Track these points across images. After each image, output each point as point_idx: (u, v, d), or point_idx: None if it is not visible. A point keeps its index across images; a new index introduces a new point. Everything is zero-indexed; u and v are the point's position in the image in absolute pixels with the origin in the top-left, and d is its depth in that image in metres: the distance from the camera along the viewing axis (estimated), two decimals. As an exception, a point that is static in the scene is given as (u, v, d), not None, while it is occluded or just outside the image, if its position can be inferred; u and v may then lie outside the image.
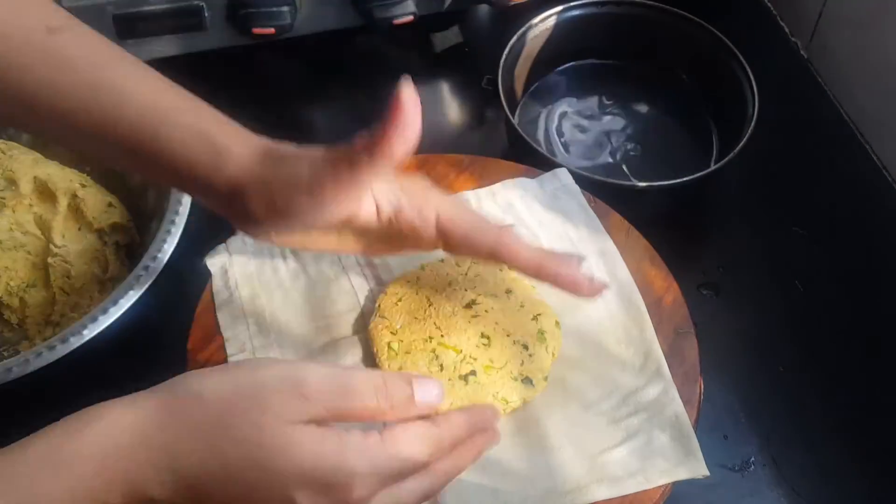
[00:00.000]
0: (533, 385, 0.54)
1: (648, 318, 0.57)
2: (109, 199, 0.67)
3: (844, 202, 0.75)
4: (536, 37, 0.77)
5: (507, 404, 0.53)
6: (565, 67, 0.82)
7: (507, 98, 0.72)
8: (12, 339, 0.64)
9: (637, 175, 0.76)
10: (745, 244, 0.73)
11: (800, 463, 0.61)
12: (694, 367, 0.55)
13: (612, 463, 0.51)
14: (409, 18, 0.76)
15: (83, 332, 0.54)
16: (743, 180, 0.76)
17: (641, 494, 0.50)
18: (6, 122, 0.65)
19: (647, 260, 0.60)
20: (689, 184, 0.68)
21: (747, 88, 0.72)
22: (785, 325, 0.68)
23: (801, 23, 0.84)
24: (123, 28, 0.72)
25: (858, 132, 0.79)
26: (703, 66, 0.78)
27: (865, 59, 0.76)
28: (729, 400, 0.64)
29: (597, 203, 0.63)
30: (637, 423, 0.52)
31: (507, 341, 0.55)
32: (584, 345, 0.56)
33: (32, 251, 0.65)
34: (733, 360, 0.66)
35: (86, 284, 0.64)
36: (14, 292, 0.64)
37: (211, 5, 0.74)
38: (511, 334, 0.55)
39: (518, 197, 0.63)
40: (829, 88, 0.82)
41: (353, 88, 0.81)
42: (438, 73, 0.85)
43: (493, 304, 0.56)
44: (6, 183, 0.66)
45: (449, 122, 0.81)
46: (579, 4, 0.78)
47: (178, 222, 0.60)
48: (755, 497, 0.60)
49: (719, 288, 0.70)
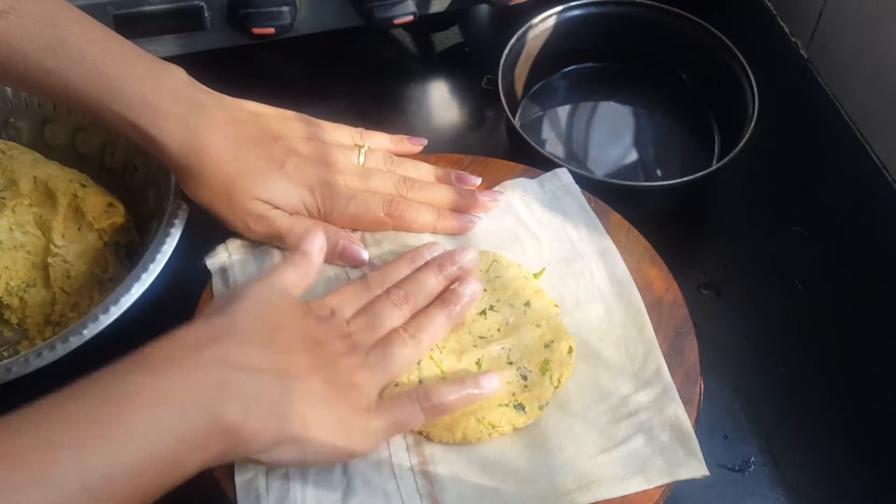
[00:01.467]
0: (525, 412, 0.53)
1: (648, 319, 0.56)
2: (109, 199, 0.67)
3: (844, 202, 0.75)
4: (536, 37, 0.77)
5: (493, 429, 0.52)
6: (565, 67, 0.82)
7: (507, 98, 0.72)
8: (12, 339, 0.64)
9: (637, 175, 0.76)
10: (745, 244, 0.73)
11: (800, 463, 0.61)
12: (694, 367, 0.55)
13: (612, 463, 0.51)
14: (409, 18, 0.76)
15: (83, 332, 0.54)
16: (743, 180, 0.76)
17: (641, 494, 0.50)
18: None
19: (647, 260, 0.60)
20: (689, 184, 0.68)
21: (747, 88, 0.72)
22: (785, 325, 0.68)
23: (801, 23, 0.84)
24: (123, 28, 0.72)
25: (858, 132, 0.79)
26: (703, 66, 0.78)
27: (865, 59, 0.76)
28: (729, 400, 0.64)
29: (597, 203, 0.63)
30: (637, 423, 0.52)
31: (504, 368, 0.54)
32: (583, 345, 0.56)
33: (32, 251, 0.65)
34: (733, 360, 0.66)
35: (86, 284, 0.64)
36: (14, 292, 0.64)
37: (211, 5, 0.74)
38: (514, 362, 0.54)
39: (518, 197, 0.63)
40: (829, 88, 0.82)
41: (353, 88, 0.81)
42: (438, 73, 0.85)
43: (506, 316, 0.56)
44: (6, 183, 0.66)
45: (449, 122, 0.81)
46: (579, 4, 0.78)
47: (178, 222, 0.59)
48: (755, 497, 0.60)
49: (719, 288, 0.70)
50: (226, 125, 0.58)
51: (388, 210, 0.60)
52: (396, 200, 0.60)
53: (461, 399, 0.52)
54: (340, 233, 0.59)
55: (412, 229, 0.61)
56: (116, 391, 0.42)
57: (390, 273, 0.56)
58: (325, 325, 0.52)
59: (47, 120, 0.70)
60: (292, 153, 0.59)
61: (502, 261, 0.59)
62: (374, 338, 0.53)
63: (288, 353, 0.48)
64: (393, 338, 0.53)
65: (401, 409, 0.51)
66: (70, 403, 0.41)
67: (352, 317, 0.54)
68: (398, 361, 0.52)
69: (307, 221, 0.59)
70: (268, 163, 0.58)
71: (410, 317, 0.54)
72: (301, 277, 0.53)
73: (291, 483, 0.50)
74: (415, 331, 0.53)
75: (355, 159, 0.62)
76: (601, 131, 0.79)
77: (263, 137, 0.59)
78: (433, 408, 0.51)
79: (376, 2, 0.75)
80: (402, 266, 0.57)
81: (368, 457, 0.51)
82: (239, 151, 0.58)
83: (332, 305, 0.54)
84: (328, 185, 0.59)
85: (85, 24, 0.55)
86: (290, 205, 0.59)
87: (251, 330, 0.47)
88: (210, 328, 0.47)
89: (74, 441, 0.39)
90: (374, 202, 0.60)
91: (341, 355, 0.51)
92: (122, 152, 0.69)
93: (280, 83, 0.68)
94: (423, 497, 0.50)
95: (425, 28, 0.86)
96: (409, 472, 0.51)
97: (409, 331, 0.53)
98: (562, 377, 0.54)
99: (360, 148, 0.63)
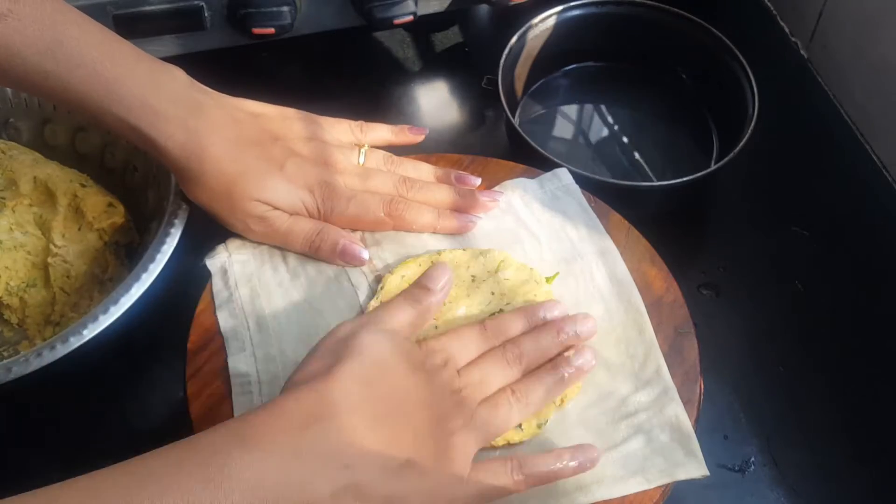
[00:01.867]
0: (522, 429, 0.52)
1: (648, 319, 0.56)
2: (109, 199, 0.67)
3: (844, 202, 0.75)
4: (536, 37, 0.77)
5: (488, 445, 0.51)
6: (565, 67, 0.82)
7: (507, 98, 0.72)
8: (12, 339, 0.64)
9: (637, 175, 0.76)
10: (745, 244, 0.73)
11: (800, 463, 0.61)
12: (694, 367, 0.55)
13: (612, 463, 0.51)
14: (409, 18, 0.76)
15: (83, 332, 0.54)
16: (743, 180, 0.76)
17: (641, 494, 0.50)
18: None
19: (647, 260, 0.60)
20: (689, 184, 0.68)
21: (747, 88, 0.72)
22: (785, 325, 0.68)
23: (801, 23, 0.84)
24: (123, 28, 0.72)
25: (858, 132, 0.79)
26: (703, 66, 0.78)
27: (865, 59, 0.76)
28: (729, 400, 0.64)
29: (597, 203, 0.63)
30: (637, 424, 0.52)
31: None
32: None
33: (32, 251, 0.65)
34: (733, 360, 0.66)
35: (86, 284, 0.64)
36: (14, 292, 0.64)
37: (211, 5, 0.74)
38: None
39: (518, 197, 0.63)
40: (829, 88, 0.82)
41: (353, 88, 0.81)
42: (438, 73, 0.85)
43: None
44: (6, 183, 0.66)
45: (449, 122, 0.81)
46: (579, 4, 0.78)
47: (178, 222, 0.59)
48: (755, 497, 0.60)
49: (719, 288, 0.70)
50: (225, 127, 0.58)
51: (387, 210, 0.60)
52: (396, 200, 0.60)
53: (559, 472, 0.49)
54: (341, 232, 0.59)
55: (412, 229, 0.61)
56: (211, 469, 0.40)
57: (509, 326, 0.54)
58: (437, 378, 0.49)
59: (47, 120, 0.70)
60: (292, 154, 0.59)
61: (512, 262, 0.58)
62: (482, 395, 0.50)
63: (394, 430, 0.45)
64: (501, 399, 0.51)
65: (494, 480, 0.48)
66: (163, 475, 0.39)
67: (464, 366, 0.51)
68: (502, 425, 0.50)
69: (307, 222, 0.59)
70: (268, 164, 0.58)
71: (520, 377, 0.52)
72: (420, 318, 0.52)
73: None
74: (522, 395, 0.51)
75: (355, 159, 0.62)
76: (601, 131, 0.79)
77: (263, 138, 0.59)
78: (527, 479, 0.49)
79: (376, 2, 0.75)
80: (519, 321, 0.54)
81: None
82: (239, 153, 0.58)
83: (449, 352, 0.51)
84: (328, 185, 0.59)
85: (84, 27, 0.55)
86: (291, 206, 0.59)
87: (356, 407, 0.45)
88: (310, 403, 0.44)
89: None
90: (373, 202, 0.60)
91: (448, 418, 0.48)
92: (122, 152, 0.69)
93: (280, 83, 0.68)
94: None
95: (425, 28, 0.86)
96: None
97: (517, 393, 0.51)
98: (566, 397, 0.53)
99: (360, 148, 0.63)
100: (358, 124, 0.65)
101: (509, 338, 0.53)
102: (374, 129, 0.65)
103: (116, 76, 0.55)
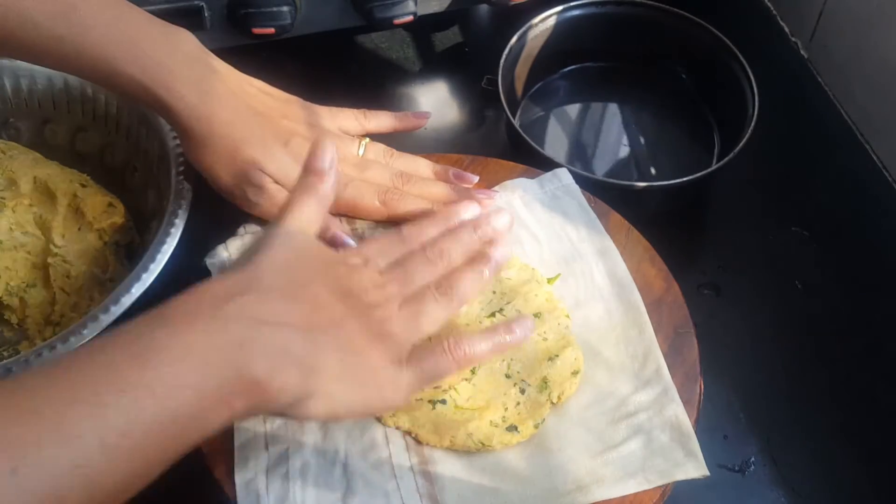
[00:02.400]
0: (518, 432, 0.52)
1: (648, 319, 0.57)
2: (109, 199, 0.67)
3: (844, 202, 0.75)
4: (536, 37, 0.77)
5: (482, 447, 0.51)
6: (565, 67, 0.82)
7: (507, 98, 0.72)
8: (12, 339, 0.64)
9: (637, 175, 0.76)
10: (745, 244, 0.73)
11: (800, 463, 0.61)
12: (694, 367, 0.55)
13: (611, 463, 0.51)
14: (409, 18, 0.76)
15: (83, 332, 0.54)
16: (743, 180, 0.76)
17: (641, 494, 0.50)
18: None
19: (647, 260, 0.60)
20: (690, 184, 0.68)
21: (747, 88, 0.72)
22: (785, 325, 0.68)
23: (801, 23, 0.84)
24: (123, 28, 0.72)
25: (858, 132, 0.79)
26: (703, 66, 0.78)
27: (865, 59, 0.76)
28: (729, 400, 0.64)
29: (597, 203, 0.63)
30: (637, 424, 0.52)
31: (501, 381, 0.54)
32: (583, 345, 0.56)
33: (32, 251, 0.65)
34: (733, 360, 0.66)
35: (86, 284, 0.64)
36: (14, 292, 0.64)
37: (211, 5, 0.74)
38: (512, 376, 0.54)
39: (518, 197, 0.63)
40: (829, 88, 0.82)
41: (353, 88, 0.81)
42: (438, 73, 0.85)
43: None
44: (6, 183, 0.66)
45: (449, 122, 0.81)
46: (579, 4, 0.78)
47: (178, 222, 0.59)
48: (755, 497, 0.60)
49: (719, 288, 0.70)
50: (236, 94, 0.59)
51: (382, 199, 0.61)
52: (392, 191, 0.61)
53: (494, 347, 0.50)
54: (333, 220, 0.60)
55: (406, 221, 0.60)
56: (136, 347, 0.41)
57: (427, 229, 0.55)
58: (358, 273, 0.50)
59: (47, 120, 0.70)
60: (296, 133, 0.61)
61: (515, 262, 0.58)
62: (406, 292, 0.51)
63: (315, 306, 0.46)
64: (426, 294, 0.51)
65: (432, 359, 0.49)
66: (88, 359, 0.40)
67: (385, 268, 0.52)
68: (430, 319, 0.50)
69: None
70: (274, 136, 0.60)
71: (442, 275, 0.53)
72: (319, 205, 0.51)
73: (291, 483, 0.50)
74: (446, 290, 0.51)
75: (355, 150, 0.63)
76: (601, 131, 0.79)
77: (271, 113, 0.61)
78: (465, 356, 0.49)
79: (376, 2, 0.75)
80: (437, 223, 0.56)
81: (368, 457, 0.52)
82: (247, 119, 0.59)
83: (367, 254, 0.52)
84: None
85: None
86: (289, 181, 0.58)
87: (275, 284, 0.45)
88: (231, 283, 0.45)
89: (93, 397, 0.38)
90: (369, 191, 0.61)
91: (374, 306, 0.49)
92: (122, 152, 0.69)
93: (280, 83, 0.67)
94: (423, 497, 0.50)
95: (425, 28, 0.86)
96: (409, 472, 0.51)
97: (440, 289, 0.51)
98: (562, 395, 0.53)
99: (361, 140, 0.64)
100: (361, 112, 0.66)
101: (428, 240, 0.54)
102: (377, 116, 0.66)
103: (131, 37, 0.55)
